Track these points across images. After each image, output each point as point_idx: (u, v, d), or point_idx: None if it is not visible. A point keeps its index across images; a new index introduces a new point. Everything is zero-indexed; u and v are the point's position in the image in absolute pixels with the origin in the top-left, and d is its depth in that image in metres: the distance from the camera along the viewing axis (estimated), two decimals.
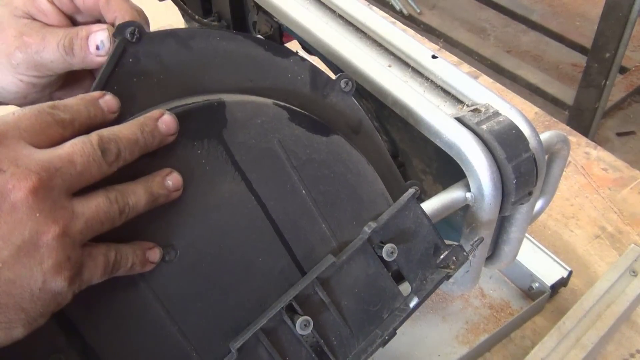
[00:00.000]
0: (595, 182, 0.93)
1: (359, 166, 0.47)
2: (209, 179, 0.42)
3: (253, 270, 0.44)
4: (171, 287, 0.41)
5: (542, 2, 2.85)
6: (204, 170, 0.41)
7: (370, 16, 0.60)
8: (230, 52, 0.44)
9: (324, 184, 0.46)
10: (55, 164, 0.34)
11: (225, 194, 0.42)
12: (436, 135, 0.50)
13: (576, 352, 0.67)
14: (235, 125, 0.42)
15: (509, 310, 0.75)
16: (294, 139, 0.44)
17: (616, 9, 1.84)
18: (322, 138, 0.46)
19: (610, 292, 0.73)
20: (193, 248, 0.41)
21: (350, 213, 0.47)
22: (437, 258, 0.50)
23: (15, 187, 0.33)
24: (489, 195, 0.48)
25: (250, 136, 0.43)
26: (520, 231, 0.57)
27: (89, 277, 0.36)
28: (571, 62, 2.57)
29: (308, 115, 0.46)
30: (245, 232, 0.43)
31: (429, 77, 0.55)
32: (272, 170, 0.44)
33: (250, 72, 0.45)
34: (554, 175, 0.59)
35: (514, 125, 0.49)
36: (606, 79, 2.01)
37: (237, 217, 0.43)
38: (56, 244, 0.34)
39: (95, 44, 0.45)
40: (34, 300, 0.34)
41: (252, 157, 0.43)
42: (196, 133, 0.41)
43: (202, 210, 0.42)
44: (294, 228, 0.45)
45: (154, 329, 0.41)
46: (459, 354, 0.70)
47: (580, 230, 0.86)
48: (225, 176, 0.42)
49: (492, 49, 2.59)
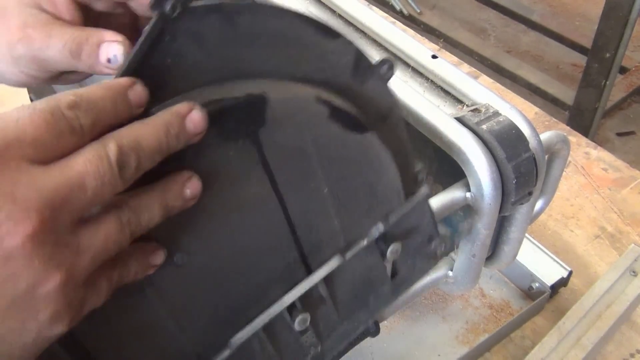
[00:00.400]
0: (595, 182, 0.93)
1: (384, 163, 0.45)
2: (233, 180, 0.37)
3: (261, 266, 0.42)
4: (177, 290, 0.38)
5: (542, 2, 2.85)
6: (229, 171, 0.36)
7: (370, 16, 0.60)
8: (277, 31, 0.38)
9: (346, 181, 0.43)
10: (62, 193, 0.28)
11: (248, 196, 0.38)
12: (436, 135, 0.50)
13: (576, 352, 0.67)
14: (273, 124, 0.37)
15: (509, 310, 0.75)
16: (329, 137, 0.41)
17: (616, 9, 1.84)
18: (356, 136, 0.42)
19: (610, 292, 0.73)
20: (206, 251, 0.38)
21: (364, 210, 0.45)
22: (429, 247, 0.50)
23: (11, 233, 0.26)
24: (489, 195, 0.48)
25: (286, 135, 0.39)
26: (520, 231, 0.57)
27: (90, 308, 0.31)
28: (571, 62, 2.57)
29: (348, 113, 0.42)
30: (260, 231, 0.40)
31: (429, 77, 0.55)
32: (299, 169, 0.40)
33: (295, 55, 0.39)
34: (554, 175, 0.59)
35: (514, 125, 0.49)
36: (606, 79, 2.01)
37: (256, 218, 0.40)
38: (56, 294, 0.28)
39: (107, 57, 0.42)
40: (26, 349, 0.29)
41: (283, 156, 0.39)
42: (230, 133, 0.35)
43: (220, 214, 0.38)
44: (308, 225, 0.42)
45: (156, 330, 0.39)
46: (459, 354, 0.70)
47: (580, 230, 0.86)
48: (252, 178, 0.38)
49: (492, 49, 2.59)
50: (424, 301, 0.75)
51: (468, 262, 0.54)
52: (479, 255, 0.54)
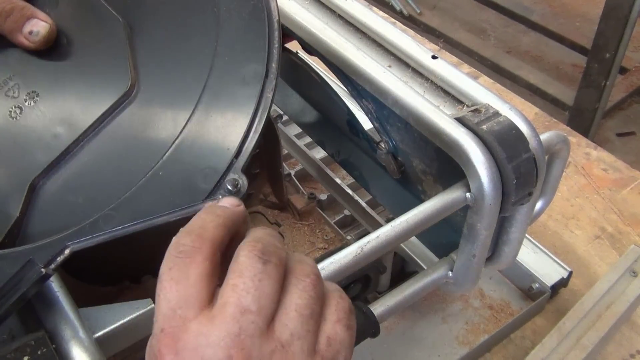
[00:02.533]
0: (595, 183, 0.93)
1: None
2: None
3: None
4: None
5: (542, 3, 2.85)
6: None
7: (371, 17, 0.60)
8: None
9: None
10: (237, 333, 0.30)
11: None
12: (436, 135, 0.50)
13: (576, 353, 0.67)
14: None
15: (509, 311, 0.75)
16: None
17: (616, 9, 1.84)
18: None
19: (610, 293, 0.73)
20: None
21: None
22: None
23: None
24: (489, 196, 0.48)
25: None
26: (521, 232, 0.56)
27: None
28: (571, 62, 2.57)
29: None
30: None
31: (429, 77, 0.55)
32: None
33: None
34: (554, 176, 0.59)
35: (514, 125, 0.49)
36: (606, 79, 2.01)
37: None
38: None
39: (30, 29, 0.46)
40: None
41: None
42: None
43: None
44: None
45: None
46: (459, 354, 0.70)
47: (580, 230, 0.86)
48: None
49: (492, 50, 2.59)
50: (424, 302, 0.75)
51: (468, 263, 0.54)
52: (479, 256, 0.54)
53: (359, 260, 0.46)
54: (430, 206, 0.49)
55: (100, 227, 0.40)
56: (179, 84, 0.45)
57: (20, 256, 0.39)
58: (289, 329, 0.31)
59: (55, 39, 0.49)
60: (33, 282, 0.37)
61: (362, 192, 0.78)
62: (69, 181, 0.44)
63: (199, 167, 0.41)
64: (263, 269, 0.32)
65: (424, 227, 0.49)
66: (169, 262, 0.32)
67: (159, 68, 0.46)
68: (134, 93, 0.45)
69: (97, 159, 0.45)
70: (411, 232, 0.48)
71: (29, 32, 0.46)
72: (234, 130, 0.41)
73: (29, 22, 0.46)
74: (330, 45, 0.58)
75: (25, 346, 0.36)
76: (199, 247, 0.32)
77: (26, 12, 0.46)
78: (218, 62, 0.44)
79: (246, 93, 0.42)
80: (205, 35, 0.46)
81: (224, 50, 0.44)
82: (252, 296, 0.31)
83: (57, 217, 0.43)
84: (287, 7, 0.62)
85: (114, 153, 0.45)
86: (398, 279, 0.68)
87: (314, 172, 0.85)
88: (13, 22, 0.46)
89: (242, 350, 0.29)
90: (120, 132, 0.45)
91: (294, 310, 0.32)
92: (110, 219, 0.41)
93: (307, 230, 0.83)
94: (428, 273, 0.56)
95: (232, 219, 0.35)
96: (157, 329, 0.31)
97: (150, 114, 0.45)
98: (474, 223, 0.51)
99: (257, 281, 0.31)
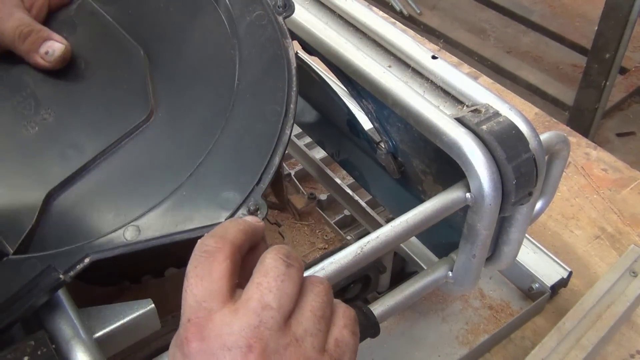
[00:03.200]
0: (595, 183, 0.93)
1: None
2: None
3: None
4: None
5: (542, 3, 2.85)
6: None
7: (371, 17, 0.60)
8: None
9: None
10: (257, 325, 0.33)
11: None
12: (436, 135, 0.50)
13: (576, 353, 0.67)
14: None
15: (509, 311, 0.75)
16: None
17: (616, 9, 1.84)
18: None
19: (610, 293, 0.73)
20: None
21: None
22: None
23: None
24: (489, 196, 0.48)
25: None
26: (520, 232, 0.56)
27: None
28: (571, 62, 2.57)
29: None
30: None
31: (429, 77, 0.55)
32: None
33: None
34: (554, 176, 0.59)
35: (514, 125, 0.49)
36: (606, 79, 2.01)
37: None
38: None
39: (46, 50, 0.48)
40: None
41: None
42: None
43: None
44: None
45: None
46: (459, 354, 0.70)
47: (580, 230, 0.86)
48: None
49: (492, 50, 2.59)
50: (424, 302, 0.75)
51: (468, 263, 0.54)
52: (479, 256, 0.54)
53: (359, 260, 0.46)
54: (430, 206, 0.49)
55: (122, 239, 0.42)
56: (201, 113, 0.48)
57: (39, 261, 0.40)
58: (303, 326, 0.34)
59: (73, 62, 0.51)
60: (50, 287, 0.39)
61: (362, 192, 0.78)
62: (85, 196, 0.46)
63: (222, 190, 0.44)
64: (286, 271, 0.35)
65: (424, 227, 0.49)
66: (195, 261, 0.35)
67: (178, 101, 0.49)
68: (153, 120, 0.48)
69: (114, 176, 0.47)
70: (411, 232, 0.48)
71: (45, 53, 0.49)
72: (256, 160, 0.45)
73: (45, 44, 0.49)
74: (330, 46, 0.58)
75: (25, 346, 0.37)
76: (220, 247, 0.36)
77: (43, 34, 0.49)
78: (239, 99, 0.48)
79: (267, 129, 0.46)
80: (225, 73, 0.49)
81: (244, 89, 0.48)
82: (274, 294, 0.34)
83: (71, 228, 0.44)
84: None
85: (132, 172, 0.47)
86: (398, 279, 0.68)
87: (314, 172, 0.85)
88: (30, 44, 0.49)
89: (261, 340, 0.33)
90: (140, 152, 0.47)
91: (309, 310, 0.35)
92: (133, 232, 0.43)
93: (307, 230, 0.83)
94: (428, 273, 0.56)
95: (253, 228, 0.39)
96: (184, 320, 0.34)
97: (170, 141, 0.48)
98: (474, 223, 0.51)
99: (279, 281, 0.35)
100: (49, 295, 0.40)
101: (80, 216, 0.45)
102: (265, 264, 0.36)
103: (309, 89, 0.71)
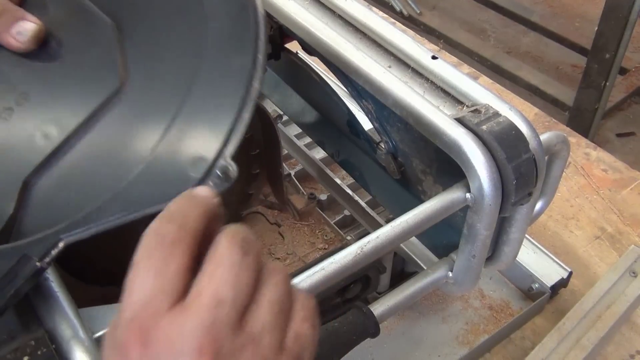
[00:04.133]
0: (595, 183, 0.93)
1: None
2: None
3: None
4: None
5: (542, 3, 2.85)
6: None
7: (370, 17, 0.60)
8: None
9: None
10: (209, 325, 0.29)
11: None
12: (436, 135, 0.50)
13: (576, 353, 0.67)
14: None
15: (509, 311, 0.75)
16: None
17: (616, 10, 1.84)
18: None
19: (610, 293, 0.73)
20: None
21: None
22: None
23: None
24: (489, 196, 0.48)
25: None
26: (520, 232, 0.57)
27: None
28: (571, 63, 2.57)
29: None
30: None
31: (429, 77, 0.55)
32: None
33: None
34: (553, 176, 0.59)
35: (514, 126, 0.49)
36: (606, 80, 2.01)
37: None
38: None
39: (18, 29, 0.47)
40: None
41: None
42: None
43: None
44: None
45: None
46: (459, 354, 0.70)
47: (580, 231, 0.86)
48: None
49: (492, 50, 2.59)
50: (424, 302, 0.75)
51: (468, 263, 0.54)
52: (479, 256, 0.54)
53: (359, 260, 0.46)
54: (430, 206, 0.49)
55: (94, 219, 0.41)
56: (168, 79, 0.46)
57: (14, 251, 0.39)
58: (260, 323, 0.31)
59: (46, 43, 0.49)
60: (28, 276, 0.37)
61: (362, 192, 0.78)
62: (62, 178, 0.45)
63: (189, 157, 0.42)
64: (242, 260, 0.31)
65: (424, 227, 0.49)
66: (148, 249, 0.31)
67: (148, 66, 0.47)
68: (124, 91, 0.46)
69: (89, 155, 0.45)
70: (411, 232, 0.48)
71: (17, 32, 0.47)
72: (223, 119, 0.42)
73: (18, 24, 0.47)
74: (330, 46, 0.58)
75: (25, 346, 0.37)
76: (182, 238, 0.31)
77: (16, 14, 0.47)
78: (206, 56, 0.46)
79: (233, 84, 0.44)
80: (193, 32, 0.47)
81: (211, 45, 0.46)
82: (229, 287, 0.30)
83: (51, 213, 0.43)
84: (287, 7, 0.62)
85: (105, 149, 0.45)
86: (398, 279, 0.68)
87: (314, 172, 0.85)
88: (2, 24, 0.47)
89: (215, 342, 0.29)
90: (111, 128, 0.46)
91: (266, 303, 0.31)
92: (104, 211, 0.41)
93: (307, 231, 0.83)
94: (428, 273, 0.56)
95: (213, 210, 0.34)
96: (125, 317, 0.30)
97: (140, 110, 0.46)
98: (474, 223, 0.51)
99: (235, 272, 0.31)
100: (29, 284, 0.38)
101: (56, 201, 0.44)
102: (219, 251, 0.31)
103: (309, 89, 0.71)
